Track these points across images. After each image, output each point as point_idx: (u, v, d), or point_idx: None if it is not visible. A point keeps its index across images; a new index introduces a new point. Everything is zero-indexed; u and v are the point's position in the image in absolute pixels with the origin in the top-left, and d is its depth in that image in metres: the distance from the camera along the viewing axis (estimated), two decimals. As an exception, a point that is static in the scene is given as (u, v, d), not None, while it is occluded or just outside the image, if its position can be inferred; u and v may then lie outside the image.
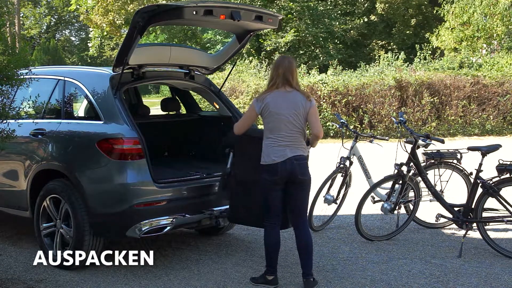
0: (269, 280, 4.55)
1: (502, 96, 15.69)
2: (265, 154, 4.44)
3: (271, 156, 4.39)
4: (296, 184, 4.45)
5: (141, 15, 4.57)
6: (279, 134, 4.40)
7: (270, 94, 4.44)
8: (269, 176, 4.42)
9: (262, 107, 4.43)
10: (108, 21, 29.94)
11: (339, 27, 26.78)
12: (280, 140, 4.39)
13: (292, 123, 4.40)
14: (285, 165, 4.37)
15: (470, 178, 5.79)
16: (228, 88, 15.32)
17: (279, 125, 4.39)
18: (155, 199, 4.70)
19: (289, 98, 4.41)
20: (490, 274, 4.79)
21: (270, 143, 4.42)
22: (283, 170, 4.37)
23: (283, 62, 4.47)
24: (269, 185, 4.44)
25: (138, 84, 5.50)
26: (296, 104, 4.41)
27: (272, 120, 4.41)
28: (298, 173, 4.41)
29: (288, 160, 4.38)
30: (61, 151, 5.12)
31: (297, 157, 4.42)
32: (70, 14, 47.33)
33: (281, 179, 4.41)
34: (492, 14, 20.41)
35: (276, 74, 4.45)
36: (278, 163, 4.37)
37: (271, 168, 4.40)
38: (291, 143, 4.41)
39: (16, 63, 4.38)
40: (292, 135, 4.41)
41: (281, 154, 4.38)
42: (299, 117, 4.42)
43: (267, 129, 4.45)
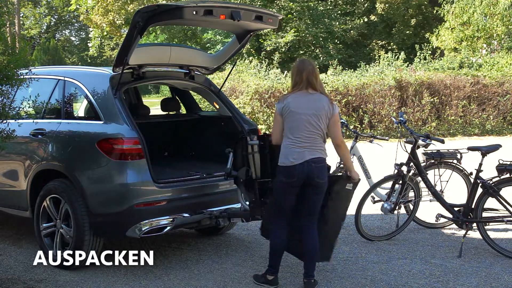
0: (270, 280, 4.54)
1: (502, 96, 15.70)
2: (283, 155, 4.38)
3: (289, 158, 4.34)
4: (313, 187, 4.39)
5: (141, 15, 4.57)
6: (298, 135, 4.34)
7: (292, 95, 4.40)
8: (286, 179, 4.35)
9: (283, 106, 4.38)
10: (108, 21, 29.93)
11: (339, 27, 26.77)
12: (299, 141, 4.34)
13: (312, 124, 4.35)
14: (303, 167, 4.31)
15: (470, 178, 5.79)
16: (228, 88, 15.31)
17: (298, 125, 4.34)
18: (155, 199, 4.70)
19: (312, 99, 4.37)
20: (490, 274, 4.79)
21: (289, 144, 4.36)
22: (301, 173, 4.32)
23: (305, 66, 4.42)
24: (284, 187, 4.39)
25: (138, 84, 5.50)
26: (318, 106, 4.36)
27: (292, 120, 4.35)
28: (315, 176, 4.36)
29: (306, 163, 4.32)
30: (61, 151, 5.12)
31: (315, 160, 4.36)
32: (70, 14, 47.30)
33: (298, 181, 4.35)
34: (492, 14, 20.41)
35: (300, 78, 4.40)
36: (296, 165, 4.32)
37: (288, 170, 4.33)
38: (310, 145, 4.36)
39: (16, 63, 4.37)
40: (311, 136, 4.36)
41: (300, 156, 4.33)
42: (320, 119, 4.37)
43: (287, 129, 4.39)
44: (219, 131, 5.93)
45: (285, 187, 4.38)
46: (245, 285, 4.60)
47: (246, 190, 4.87)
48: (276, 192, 4.48)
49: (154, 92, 38.94)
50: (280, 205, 4.48)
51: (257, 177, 4.77)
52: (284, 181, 4.37)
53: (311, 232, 4.50)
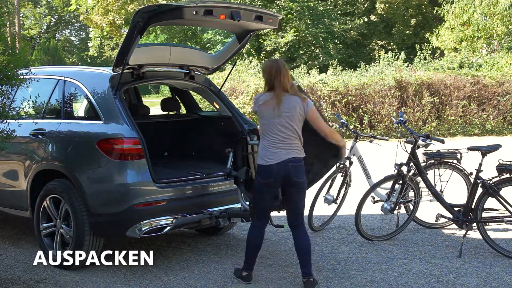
0: (244, 276, 4.63)
1: (502, 96, 15.69)
2: (260, 155, 4.46)
3: (266, 158, 4.41)
4: (291, 186, 4.46)
5: (141, 15, 4.57)
6: (273, 136, 4.40)
7: (263, 97, 4.45)
8: (263, 179, 4.44)
9: (256, 109, 4.47)
10: (108, 21, 29.94)
11: (339, 27, 26.77)
12: (275, 142, 4.40)
13: (285, 126, 4.38)
14: (279, 167, 4.37)
15: (470, 178, 5.79)
16: (228, 88, 15.32)
17: (272, 128, 4.39)
18: (155, 199, 4.70)
19: (284, 101, 4.39)
20: (490, 274, 4.79)
21: (266, 144, 4.44)
22: (278, 173, 4.38)
23: (274, 65, 4.45)
24: (261, 187, 4.47)
25: (138, 84, 5.50)
26: (289, 107, 4.38)
27: (265, 123, 4.43)
28: (293, 175, 4.40)
29: (283, 163, 4.38)
30: (61, 151, 5.12)
31: (292, 159, 4.40)
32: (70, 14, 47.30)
33: (275, 181, 4.42)
34: (492, 14, 20.40)
35: (270, 77, 4.43)
36: (273, 165, 4.38)
37: (265, 169, 4.41)
38: (286, 146, 4.40)
39: (16, 63, 4.38)
40: (286, 138, 4.40)
41: (276, 157, 4.38)
42: (293, 120, 4.39)
43: (263, 130, 4.47)
44: (219, 131, 5.93)
45: (263, 187, 4.47)
46: (245, 285, 4.60)
47: (246, 190, 4.87)
48: (255, 192, 4.58)
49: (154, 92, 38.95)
50: (258, 204, 4.57)
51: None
52: (261, 181, 4.46)
53: (301, 230, 4.57)
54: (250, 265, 4.64)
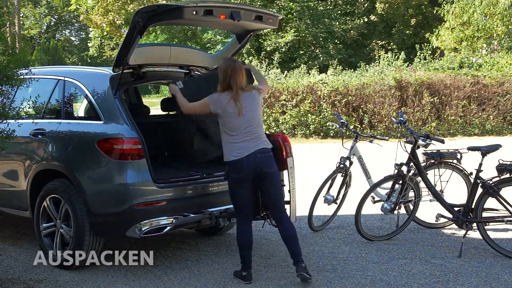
0: (243, 276, 4.64)
1: (502, 96, 15.70)
2: (227, 152, 4.51)
3: (233, 153, 4.47)
4: (264, 178, 4.53)
5: (141, 15, 4.57)
6: (238, 131, 4.48)
7: (225, 95, 4.51)
8: (235, 174, 4.50)
9: (217, 108, 4.51)
10: (108, 21, 29.95)
11: (339, 27, 26.77)
12: (240, 137, 4.48)
13: (250, 118, 4.51)
14: (248, 159, 4.45)
15: (470, 178, 5.78)
16: (228, 88, 15.30)
17: (237, 124, 4.48)
18: (155, 199, 4.70)
19: (244, 96, 4.53)
20: (490, 274, 4.79)
21: (230, 141, 4.50)
22: (248, 166, 4.45)
23: (231, 65, 4.56)
24: (235, 183, 4.53)
25: (138, 84, 5.50)
26: (251, 100, 4.55)
27: (230, 121, 4.49)
28: (263, 166, 4.50)
29: (253, 155, 4.46)
30: (61, 151, 5.12)
31: (261, 150, 4.51)
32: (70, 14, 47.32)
33: (248, 175, 4.49)
34: (492, 14, 20.42)
35: (226, 76, 4.52)
36: (242, 158, 4.44)
37: (236, 164, 4.47)
38: (251, 138, 4.50)
39: (16, 63, 4.38)
40: (252, 130, 4.51)
41: (244, 150, 4.46)
42: (256, 111, 4.56)
43: (226, 129, 4.52)
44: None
45: (236, 182, 4.52)
46: (245, 285, 4.60)
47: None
48: (231, 190, 4.62)
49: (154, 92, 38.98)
50: (237, 202, 4.61)
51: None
52: (234, 177, 4.52)
53: (284, 220, 4.64)
54: (247, 264, 4.64)
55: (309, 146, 14.31)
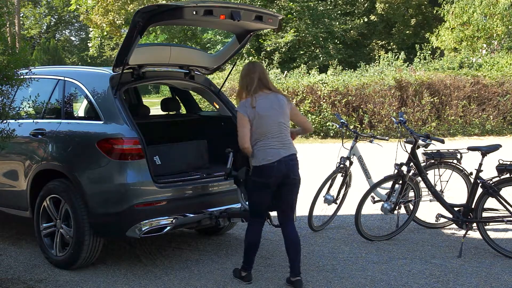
0: (243, 276, 4.62)
1: (502, 96, 15.70)
2: (259, 157, 4.41)
3: (266, 157, 4.38)
4: (288, 184, 4.46)
5: (141, 15, 4.57)
6: (270, 135, 4.41)
7: (254, 98, 4.43)
8: (263, 179, 4.40)
9: (249, 112, 4.41)
10: (108, 21, 29.95)
11: (339, 27, 26.78)
12: (273, 141, 4.40)
13: (282, 123, 4.45)
14: (280, 165, 4.37)
15: (470, 178, 5.79)
16: (228, 88, 15.33)
17: (270, 128, 4.41)
18: (155, 199, 4.70)
19: (273, 99, 4.47)
20: (490, 274, 4.79)
21: (262, 145, 4.41)
22: (278, 172, 4.37)
23: (255, 67, 4.52)
24: (260, 188, 4.44)
25: (138, 84, 5.49)
26: (281, 104, 4.48)
27: (262, 124, 4.40)
28: (292, 173, 4.44)
29: (283, 160, 4.39)
30: (61, 151, 5.12)
31: (291, 157, 4.45)
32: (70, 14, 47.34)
33: (275, 181, 4.40)
34: (492, 14, 20.42)
35: (251, 79, 4.46)
36: (274, 164, 4.36)
37: (265, 169, 4.37)
38: (283, 144, 4.44)
39: (16, 63, 4.37)
40: (281, 135, 4.45)
41: (276, 155, 4.38)
42: (285, 117, 4.49)
43: (257, 133, 4.42)
44: (219, 131, 5.93)
45: (262, 187, 4.43)
46: (245, 285, 4.60)
47: (246, 190, 4.86)
48: (253, 193, 4.53)
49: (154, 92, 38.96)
50: (254, 204, 4.54)
51: None
52: (260, 182, 4.42)
53: (292, 226, 4.59)
54: (250, 265, 4.63)
55: (309, 146, 14.31)
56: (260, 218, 4.60)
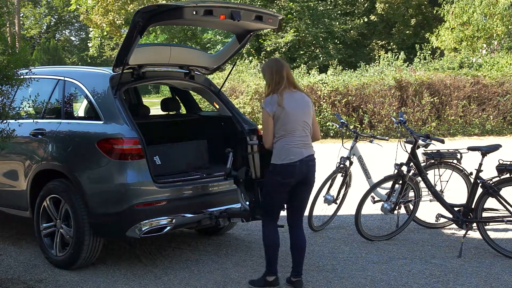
0: (270, 282, 4.50)
1: (502, 96, 15.70)
2: (281, 155, 4.32)
3: (289, 156, 4.30)
4: (305, 184, 4.43)
5: (141, 15, 4.57)
6: (295, 134, 4.34)
7: (283, 96, 4.34)
8: (284, 178, 4.32)
9: (275, 109, 4.31)
10: (108, 21, 29.94)
11: (339, 27, 26.79)
12: (296, 140, 4.34)
13: (305, 122, 4.38)
14: (301, 165, 4.33)
15: (470, 178, 5.79)
16: (228, 88, 15.33)
17: (294, 125, 4.34)
18: (155, 199, 4.70)
19: (299, 98, 4.40)
20: (490, 274, 4.79)
21: (286, 143, 4.33)
22: (300, 171, 4.33)
23: (282, 64, 4.43)
24: (279, 187, 4.36)
25: (138, 84, 5.49)
26: (306, 103, 4.42)
27: (287, 121, 4.32)
28: (311, 174, 4.43)
29: (305, 160, 4.35)
30: (61, 151, 5.12)
31: (311, 157, 4.41)
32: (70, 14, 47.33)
33: (295, 181, 4.35)
34: (492, 14, 20.42)
35: (280, 76, 4.36)
36: (296, 163, 4.30)
37: (287, 168, 4.29)
38: (305, 143, 4.38)
39: (16, 63, 4.37)
40: (304, 134, 4.38)
41: (298, 155, 4.33)
42: (309, 117, 4.43)
43: (282, 130, 4.33)
44: (219, 131, 5.93)
45: (280, 186, 4.36)
46: (245, 285, 4.60)
47: (246, 190, 4.86)
48: (270, 192, 4.45)
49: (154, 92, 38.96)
50: (273, 205, 4.48)
51: (256, 177, 4.75)
52: (280, 181, 4.34)
53: (301, 228, 4.58)
54: (274, 267, 4.50)
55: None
56: (274, 218, 4.52)
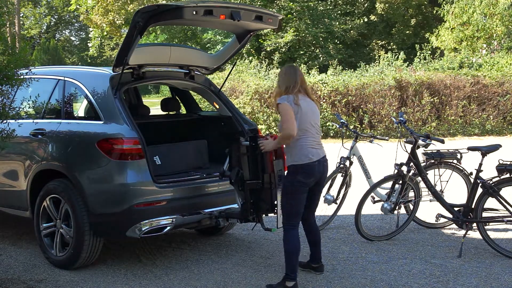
0: (290, 287, 4.42)
1: (502, 96, 15.70)
2: (301, 155, 4.40)
3: (309, 156, 4.41)
4: (320, 185, 4.64)
5: (141, 15, 4.57)
6: (311, 135, 4.47)
7: (299, 97, 4.43)
8: (305, 178, 4.40)
9: (292, 106, 4.38)
10: (108, 21, 29.94)
11: (339, 27, 26.78)
12: (313, 141, 4.48)
13: (317, 124, 4.56)
14: (320, 165, 4.48)
15: (470, 178, 5.79)
16: (228, 88, 15.32)
17: (310, 127, 4.46)
18: (155, 199, 4.70)
19: (311, 103, 4.54)
20: (490, 274, 4.79)
21: (304, 143, 4.42)
22: (318, 171, 4.48)
23: (299, 72, 4.55)
24: (300, 187, 4.42)
25: (138, 84, 5.50)
26: (317, 110, 4.61)
27: (303, 121, 4.41)
28: (326, 174, 4.64)
29: (323, 160, 4.52)
30: (61, 151, 5.12)
31: (326, 158, 4.60)
32: (70, 14, 47.33)
33: (314, 180, 4.49)
34: (492, 14, 20.42)
35: (295, 80, 4.48)
36: (315, 163, 4.43)
37: (308, 168, 4.40)
38: (319, 144, 4.56)
39: (16, 63, 4.37)
40: (318, 136, 4.56)
41: (316, 155, 4.47)
42: (319, 120, 4.63)
43: (300, 129, 4.39)
44: (219, 131, 5.93)
45: (301, 187, 4.43)
46: (245, 285, 4.60)
47: (238, 190, 4.83)
48: (291, 193, 4.43)
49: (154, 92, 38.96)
50: (295, 206, 4.46)
51: (246, 178, 4.74)
52: (302, 181, 4.40)
53: (315, 222, 4.82)
54: (295, 273, 4.45)
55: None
56: (296, 222, 4.51)
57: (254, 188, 4.72)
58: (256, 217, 4.81)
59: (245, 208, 4.77)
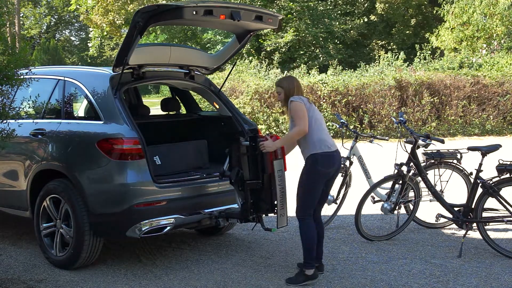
0: (310, 276, 4.58)
1: (502, 96, 15.70)
2: (320, 143, 4.54)
3: (327, 144, 4.55)
4: (332, 178, 4.74)
5: (141, 15, 4.57)
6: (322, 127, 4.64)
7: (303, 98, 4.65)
8: (325, 167, 4.55)
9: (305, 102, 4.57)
10: (108, 21, 29.94)
11: (339, 27, 26.78)
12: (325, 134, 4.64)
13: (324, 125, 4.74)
14: (338, 155, 4.66)
15: (470, 178, 5.79)
16: (228, 88, 15.32)
17: (322, 121, 4.67)
18: (155, 199, 4.70)
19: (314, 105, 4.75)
20: (490, 274, 4.79)
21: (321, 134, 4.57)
22: (338, 162, 4.65)
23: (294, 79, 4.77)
24: (320, 177, 4.56)
25: (138, 84, 5.49)
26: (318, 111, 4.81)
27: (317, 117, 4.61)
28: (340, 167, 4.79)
29: (338, 152, 4.68)
30: (61, 151, 5.12)
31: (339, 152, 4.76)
32: (70, 14, 47.33)
33: (333, 171, 4.62)
34: (492, 14, 20.42)
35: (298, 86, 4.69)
36: (334, 152, 4.58)
37: (328, 157, 4.54)
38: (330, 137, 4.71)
39: (16, 63, 4.37)
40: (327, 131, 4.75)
41: (333, 145, 4.65)
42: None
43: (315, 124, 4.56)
44: (219, 131, 5.93)
45: (321, 177, 4.56)
46: (245, 285, 4.60)
47: (238, 190, 4.83)
48: (309, 183, 4.56)
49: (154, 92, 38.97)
50: (312, 197, 4.58)
51: (246, 178, 4.75)
52: (322, 171, 4.54)
53: (321, 218, 4.87)
54: (314, 260, 4.61)
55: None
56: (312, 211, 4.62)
57: (254, 188, 4.72)
58: (256, 217, 4.81)
59: (245, 208, 4.77)
